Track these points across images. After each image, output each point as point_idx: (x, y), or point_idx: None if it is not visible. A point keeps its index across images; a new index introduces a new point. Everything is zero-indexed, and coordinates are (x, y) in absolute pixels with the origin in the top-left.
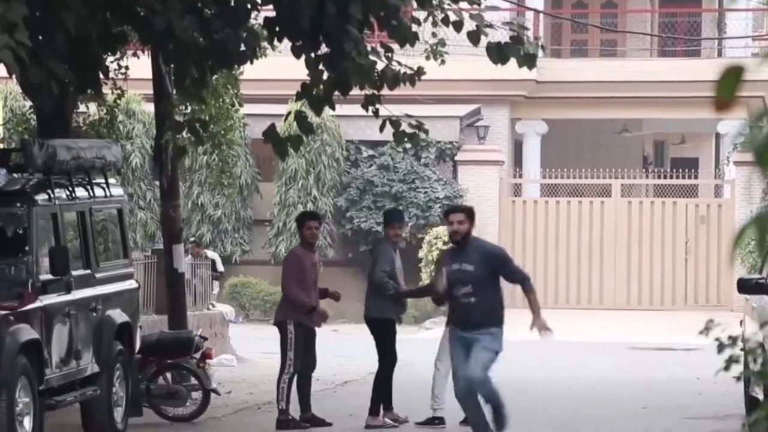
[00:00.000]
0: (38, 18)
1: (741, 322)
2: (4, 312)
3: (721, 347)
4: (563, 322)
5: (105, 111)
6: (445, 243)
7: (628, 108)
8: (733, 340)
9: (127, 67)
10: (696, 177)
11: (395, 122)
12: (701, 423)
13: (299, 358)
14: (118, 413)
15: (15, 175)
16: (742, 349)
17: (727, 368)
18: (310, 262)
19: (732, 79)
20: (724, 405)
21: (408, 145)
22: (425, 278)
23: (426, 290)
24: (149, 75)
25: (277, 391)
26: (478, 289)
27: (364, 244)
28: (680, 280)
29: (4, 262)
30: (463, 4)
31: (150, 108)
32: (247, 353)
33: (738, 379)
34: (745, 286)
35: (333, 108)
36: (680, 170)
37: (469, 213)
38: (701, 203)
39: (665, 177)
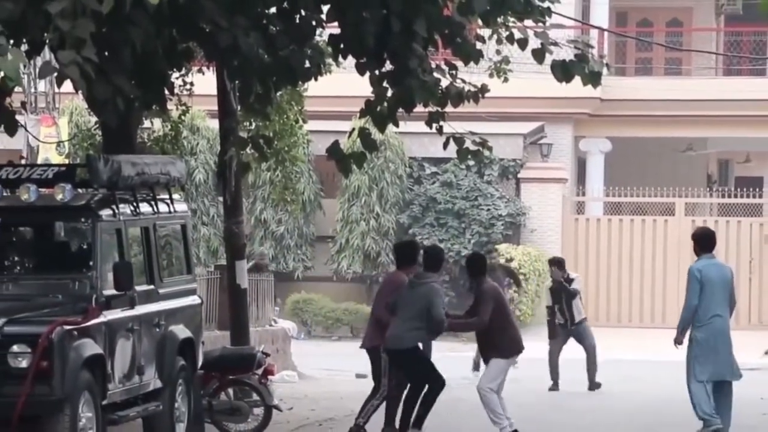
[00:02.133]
0: (105, 34)
1: None
2: (68, 327)
3: None
4: (626, 340)
5: (170, 127)
6: (507, 260)
7: (693, 126)
8: None
9: (192, 83)
10: (761, 196)
11: (459, 139)
12: None
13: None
14: (181, 429)
15: (80, 190)
16: None
17: None
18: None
19: None
20: None
21: (471, 162)
22: None
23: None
24: (214, 91)
25: (363, 408)
26: None
27: None
28: (744, 299)
29: (69, 277)
30: (528, 22)
31: (214, 124)
32: (308, 370)
33: None
34: None
35: (397, 125)
36: (745, 189)
37: None
38: (766, 222)
39: (729, 196)
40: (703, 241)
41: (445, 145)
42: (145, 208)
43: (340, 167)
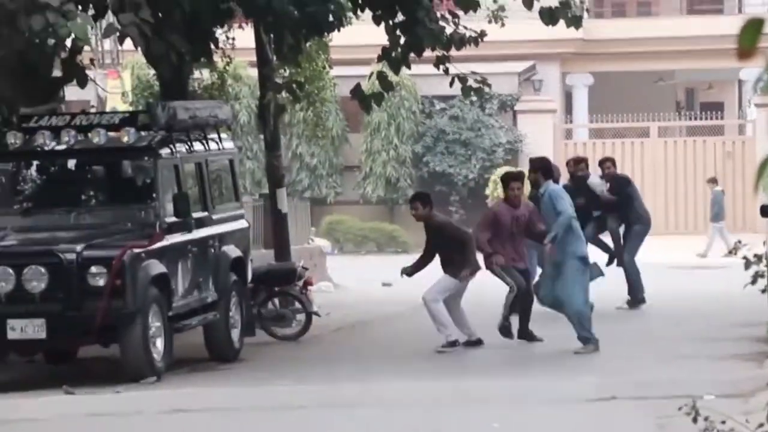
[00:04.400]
0: None
1: (764, 242)
2: (137, 250)
3: (747, 264)
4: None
5: (216, 76)
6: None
7: (663, 60)
8: (758, 258)
9: (233, 38)
10: (722, 118)
11: (462, 78)
12: (730, 329)
13: (513, 278)
14: (235, 334)
15: (142, 133)
16: (767, 266)
17: (753, 282)
18: (510, 217)
19: (753, 30)
20: (752, 315)
21: (474, 98)
22: None
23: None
24: (253, 44)
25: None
26: None
27: (438, 184)
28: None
29: (135, 208)
30: None
31: (254, 72)
32: (342, 281)
33: (763, 291)
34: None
35: (409, 67)
36: (708, 113)
37: None
38: (727, 141)
39: (695, 119)
40: (548, 170)
41: (451, 84)
42: (198, 146)
43: (363, 106)
